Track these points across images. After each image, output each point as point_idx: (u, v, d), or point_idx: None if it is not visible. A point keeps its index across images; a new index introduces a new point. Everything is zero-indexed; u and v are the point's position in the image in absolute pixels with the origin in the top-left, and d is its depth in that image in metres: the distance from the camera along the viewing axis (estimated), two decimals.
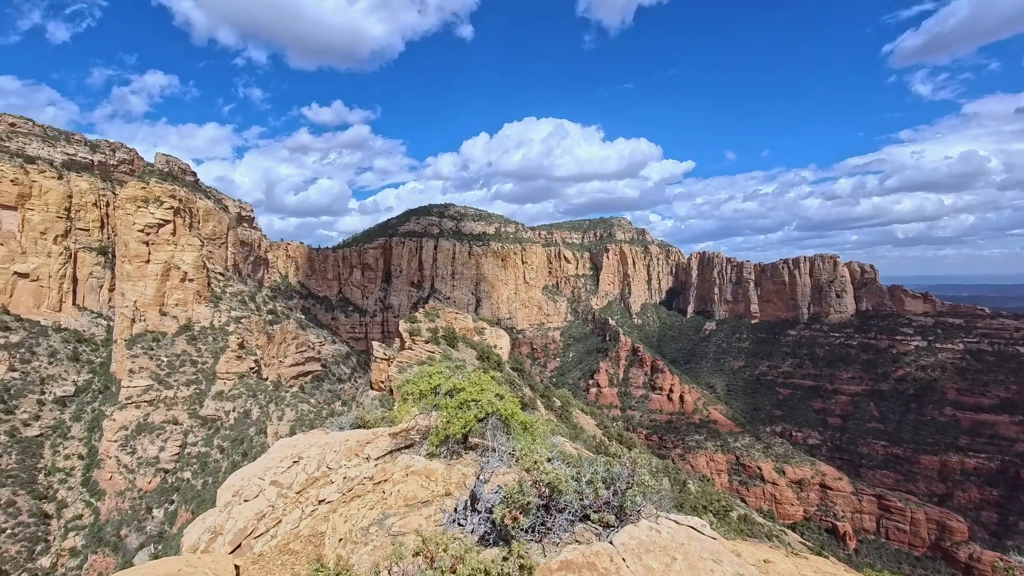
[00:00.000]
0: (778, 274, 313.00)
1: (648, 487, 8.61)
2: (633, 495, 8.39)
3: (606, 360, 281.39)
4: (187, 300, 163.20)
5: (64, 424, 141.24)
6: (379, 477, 13.05)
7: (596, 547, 7.00)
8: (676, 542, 7.09)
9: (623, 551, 6.91)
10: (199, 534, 16.97)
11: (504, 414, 13.36)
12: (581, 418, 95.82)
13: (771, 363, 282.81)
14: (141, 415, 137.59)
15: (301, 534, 12.59)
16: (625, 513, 8.51)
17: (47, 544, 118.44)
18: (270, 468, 18.43)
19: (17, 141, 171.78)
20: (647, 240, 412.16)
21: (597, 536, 8.14)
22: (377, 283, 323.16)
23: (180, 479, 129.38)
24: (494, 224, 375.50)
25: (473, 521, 8.80)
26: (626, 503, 8.29)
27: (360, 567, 8.93)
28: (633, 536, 7.23)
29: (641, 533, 7.30)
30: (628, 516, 8.27)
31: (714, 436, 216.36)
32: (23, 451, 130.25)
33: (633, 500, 8.33)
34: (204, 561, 10.98)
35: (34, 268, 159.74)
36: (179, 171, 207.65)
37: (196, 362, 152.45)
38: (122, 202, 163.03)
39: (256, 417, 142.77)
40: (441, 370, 15.96)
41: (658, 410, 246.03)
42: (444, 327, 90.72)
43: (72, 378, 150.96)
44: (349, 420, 25.63)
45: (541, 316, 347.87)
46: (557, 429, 54.21)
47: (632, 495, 8.37)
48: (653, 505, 8.75)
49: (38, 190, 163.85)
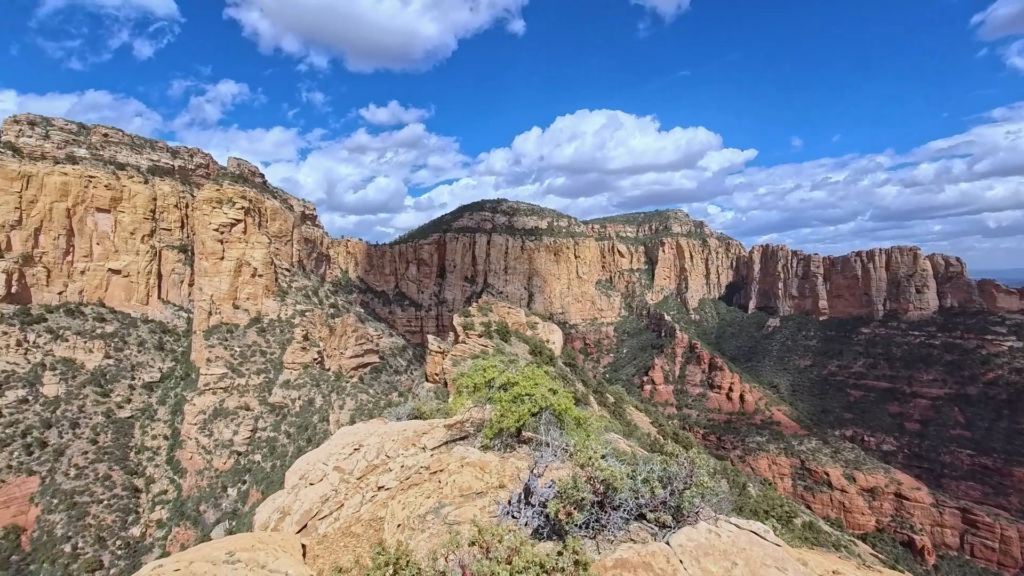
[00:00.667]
0: (850, 267, 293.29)
1: (707, 488, 8.34)
2: (691, 496, 8.16)
3: (661, 356, 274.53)
4: (257, 294, 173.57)
5: (151, 407, 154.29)
6: (435, 467, 13.40)
7: (652, 547, 6.88)
8: (737, 547, 6.84)
9: (680, 553, 6.75)
10: (269, 513, 18.10)
11: (558, 409, 13.34)
12: (635, 415, 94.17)
13: (841, 362, 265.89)
14: (217, 401, 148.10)
15: (362, 518, 13.15)
16: (682, 514, 8.30)
17: (137, 515, 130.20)
18: (333, 454, 19.35)
19: (109, 150, 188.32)
20: (705, 233, 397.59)
21: (653, 536, 8.00)
22: (432, 278, 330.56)
23: (251, 461, 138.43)
24: (546, 218, 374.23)
25: (527, 514, 8.87)
26: (684, 504, 8.08)
27: (418, 552, 9.23)
28: (691, 538, 7.05)
29: (700, 535, 7.10)
30: (686, 517, 8.06)
31: (777, 438, 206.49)
32: (117, 430, 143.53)
33: (691, 501, 8.11)
34: (275, 539, 11.71)
35: (125, 265, 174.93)
36: (249, 173, 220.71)
37: (265, 352, 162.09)
38: (199, 203, 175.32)
39: (319, 405, 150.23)
40: (495, 364, 16.14)
41: (716, 409, 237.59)
42: (497, 321, 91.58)
43: (158, 365, 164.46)
44: (406, 411, 26.46)
45: (594, 311, 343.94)
46: (611, 426, 53.59)
47: (690, 496, 8.14)
48: (712, 507, 8.49)
49: (128, 194, 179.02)
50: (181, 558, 10.12)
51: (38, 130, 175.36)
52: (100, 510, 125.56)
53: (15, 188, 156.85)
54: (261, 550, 10.55)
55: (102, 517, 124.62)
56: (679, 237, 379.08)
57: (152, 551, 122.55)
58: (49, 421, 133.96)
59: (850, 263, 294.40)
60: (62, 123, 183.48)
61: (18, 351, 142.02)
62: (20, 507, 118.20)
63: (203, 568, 9.21)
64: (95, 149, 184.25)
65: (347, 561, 9.85)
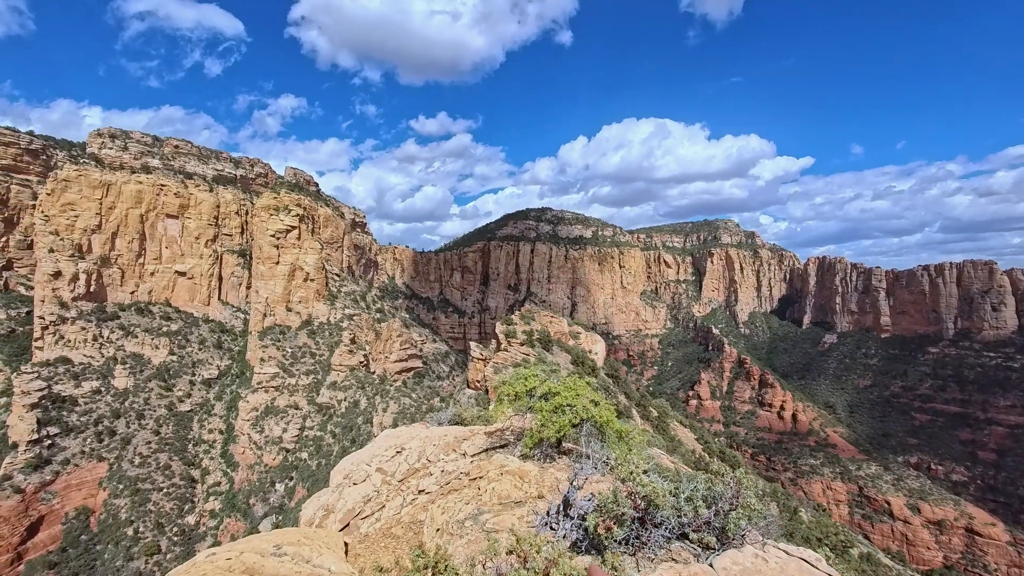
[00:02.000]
0: (916, 282, 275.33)
1: (754, 511, 7.98)
2: (737, 517, 7.84)
3: (708, 371, 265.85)
4: (308, 298, 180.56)
5: (209, 402, 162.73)
6: (475, 473, 13.49)
7: (694, 568, 6.65)
8: (787, 574, 6.51)
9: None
10: (314, 510, 18.71)
11: (599, 421, 13.17)
12: (679, 431, 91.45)
13: (905, 383, 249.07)
14: (269, 399, 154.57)
15: (402, 520, 13.38)
16: (727, 536, 7.99)
17: (192, 504, 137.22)
18: (376, 456, 19.80)
19: (179, 160, 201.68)
20: (757, 243, 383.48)
21: (695, 557, 7.74)
22: (475, 285, 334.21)
23: (298, 458, 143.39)
24: (591, 227, 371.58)
25: (565, 526, 8.79)
26: (729, 525, 7.76)
27: (456, 558, 9.30)
28: (736, 562, 6.76)
29: (745, 559, 6.80)
30: (730, 540, 7.74)
31: (832, 461, 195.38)
32: (178, 423, 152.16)
33: (737, 523, 7.78)
34: (319, 535, 12.09)
35: (190, 268, 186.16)
36: (304, 182, 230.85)
37: (315, 354, 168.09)
38: (258, 210, 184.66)
39: (364, 407, 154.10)
40: (536, 373, 16.12)
41: (766, 428, 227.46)
42: (539, 330, 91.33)
43: (216, 363, 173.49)
44: (447, 416, 26.77)
45: (639, 322, 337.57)
46: (653, 440, 52.25)
47: (736, 517, 7.82)
48: (759, 531, 8.11)
49: (194, 201, 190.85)
50: (232, 548, 10.60)
51: (118, 142, 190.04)
52: (160, 497, 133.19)
53: (96, 195, 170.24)
54: (306, 545, 10.92)
55: (161, 504, 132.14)
56: (729, 248, 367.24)
57: (205, 539, 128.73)
58: (118, 411, 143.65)
59: (916, 277, 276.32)
60: (139, 135, 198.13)
61: (94, 345, 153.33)
62: (90, 490, 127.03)
63: (252, 559, 9.62)
64: (167, 159, 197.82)
65: (387, 561, 10.04)
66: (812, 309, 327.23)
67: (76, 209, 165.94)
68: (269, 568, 9.44)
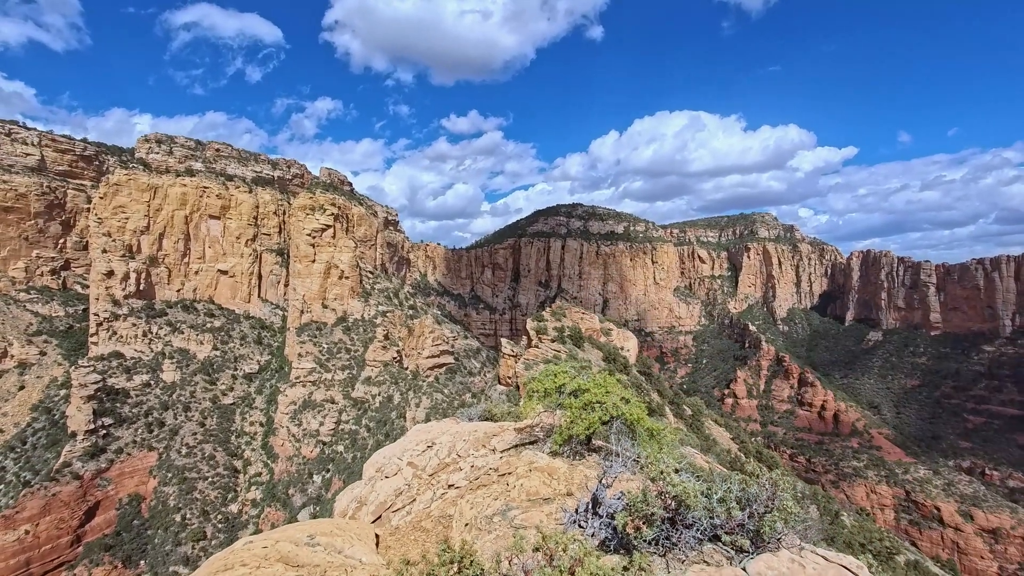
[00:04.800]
0: (970, 276, 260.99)
1: (791, 514, 7.68)
2: (773, 520, 7.56)
3: (745, 369, 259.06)
4: (343, 295, 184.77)
5: (250, 396, 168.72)
6: (504, 469, 13.51)
7: (727, 572, 6.44)
8: None
9: None
10: (348, 502, 19.14)
11: (629, 419, 12.97)
12: (714, 430, 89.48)
13: (957, 383, 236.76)
14: (306, 393, 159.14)
15: (432, 514, 13.53)
16: (762, 539, 7.73)
17: (235, 493, 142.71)
18: (407, 450, 20.09)
19: (220, 163, 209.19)
20: (796, 238, 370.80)
21: (728, 560, 7.51)
22: (506, 282, 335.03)
23: (335, 451, 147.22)
24: (623, 223, 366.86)
25: (594, 524, 8.68)
26: (764, 528, 7.49)
27: (483, 553, 9.34)
28: (771, 566, 6.52)
29: (781, 565, 6.55)
30: (765, 543, 7.48)
31: (877, 464, 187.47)
32: (221, 415, 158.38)
33: (772, 526, 7.51)
34: (351, 527, 12.35)
35: (231, 266, 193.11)
36: (338, 182, 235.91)
37: (350, 350, 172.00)
38: (294, 210, 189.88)
39: (397, 402, 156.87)
40: (566, 369, 16.01)
41: (806, 428, 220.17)
42: (570, 327, 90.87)
43: (256, 358, 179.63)
44: (478, 412, 26.95)
45: (672, 319, 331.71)
46: (687, 439, 51.28)
47: (771, 520, 7.55)
48: (797, 535, 7.80)
49: (235, 202, 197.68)
50: (269, 536, 10.95)
51: (163, 147, 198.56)
52: (205, 486, 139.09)
53: (144, 198, 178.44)
54: (339, 536, 11.17)
55: (207, 493, 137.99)
56: (766, 242, 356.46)
57: (247, 527, 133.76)
58: (166, 404, 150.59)
59: (970, 272, 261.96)
60: (183, 140, 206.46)
61: (144, 341, 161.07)
62: (141, 478, 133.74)
63: (287, 548, 9.91)
64: (208, 163, 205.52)
65: (415, 554, 10.17)
66: (855, 305, 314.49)
67: (126, 211, 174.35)
68: (303, 557, 9.70)
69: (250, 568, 8.83)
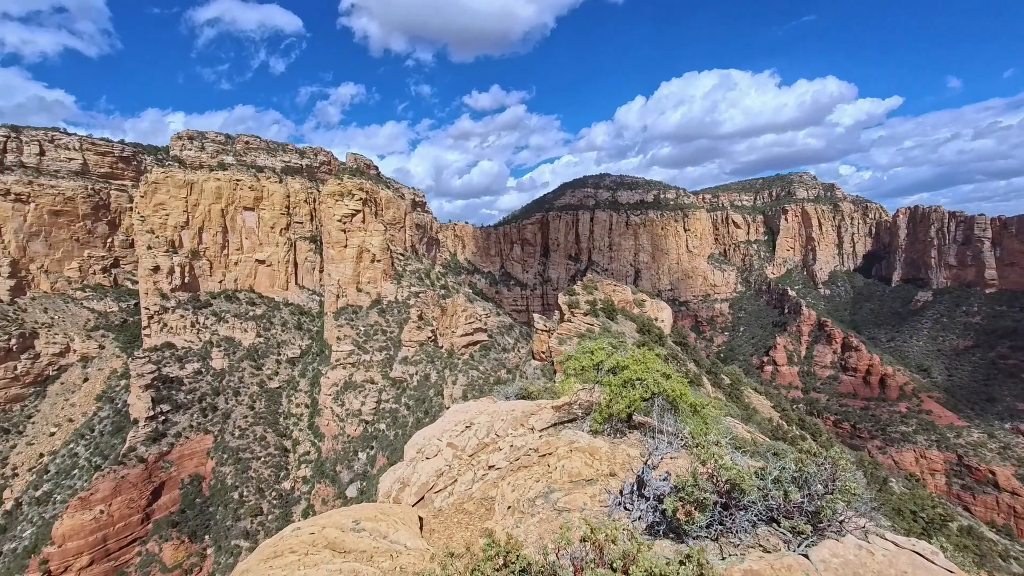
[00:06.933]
0: None
1: (854, 495, 7.20)
2: (833, 502, 7.11)
3: (784, 335, 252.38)
4: (376, 278, 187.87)
5: (294, 379, 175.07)
6: (544, 450, 13.36)
7: (788, 560, 6.07)
8: (896, 570, 5.78)
9: (824, 570, 5.87)
10: (391, 483, 19.51)
11: (672, 395, 12.56)
12: (754, 398, 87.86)
13: (1015, 343, 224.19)
14: (347, 375, 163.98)
15: (474, 496, 13.56)
16: (821, 522, 7.30)
17: (287, 472, 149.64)
18: (446, 431, 20.25)
19: (251, 156, 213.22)
20: (837, 197, 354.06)
21: (786, 543, 7.12)
22: (536, 257, 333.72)
23: (377, 429, 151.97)
24: (652, 191, 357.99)
25: (640, 507, 8.42)
26: (824, 511, 7.06)
27: (527, 537, 9.23)
28: (836, 553, 6.10)
29: (847, 552, 6.12)
30: (826, 526, 7.05)
31: (927, 429, 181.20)
32: (269, 399, 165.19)
33: (833, 508, 7.06)
34: (395, 511, 12.48)
35: (268, 256, 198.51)
36: (364, 166, 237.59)
37: (385, 331, 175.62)
38: (324, 197, 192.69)
39: (434, 380, 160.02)
40: (603, 346, 15.63)
41: (850, 394, 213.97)
42: (603, 299, 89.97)
43: (298, 343, 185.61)
44: (514, 390, 26.95)
45: (706, 287, 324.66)
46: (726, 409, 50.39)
47: (832, 502, 7.10)
48: (864, 517, 7.32)
49: (267, 193, 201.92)
50: (316, 522, 11.16)
51: (195, 143, 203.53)
52: (259, 465, 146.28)
53: (182, 194, 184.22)
54: (383, 521, 11.29)
55: (260, 471, 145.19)
56: (805, 203, 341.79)
57: (299, 502, 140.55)
58: (217, 389, 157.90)
59: None
60: (213, 135, 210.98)
61: (192, 331, 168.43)
62: (200, 460, 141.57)
63: (333, 534, 10.05)
64: (239, 155, 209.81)
65: (459, 541, 10.17)
66: (902, 265, 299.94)
67: (166, 208, 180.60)
68: (349, 543, 9.82)
69: (299, 555, 8.98)
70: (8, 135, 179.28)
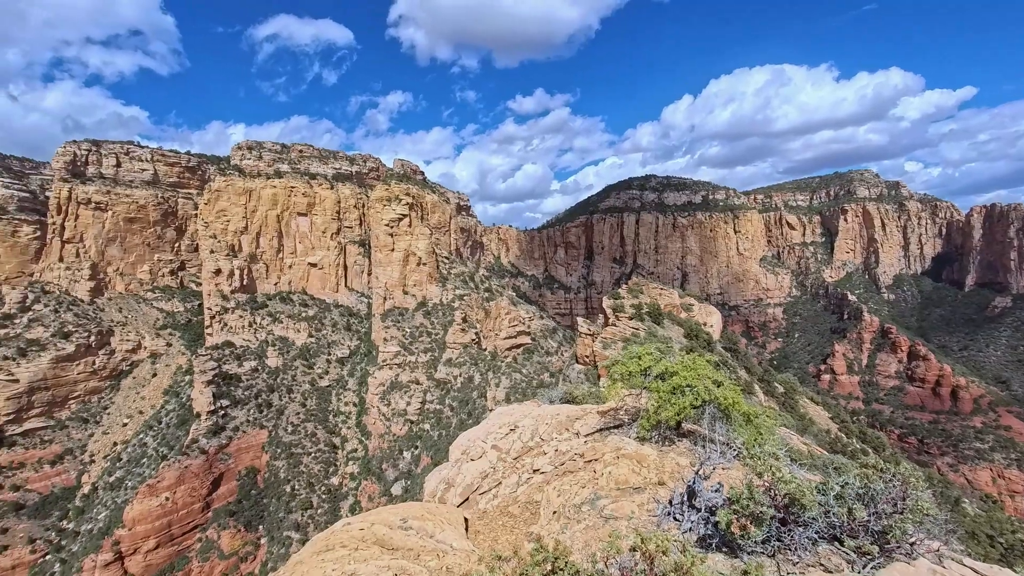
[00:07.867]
0: None
1: (927, 515, 6.69)
2: (903, 521, 6.64)
3: (843, 342, 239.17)
4: (422, 281, 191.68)
5: (343, 379, 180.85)
6: (589, 455, 13.20)
7: None
8: None
9: None
10: (436, 483, 19.77)
11: (724, 403, 12.13)
12: (810, 408, 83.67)
13: None
14: (393, 375, 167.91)
15: (519, 499, 13.54)
16: (888, 543, 6.83)
17: (335, 467, 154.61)
18: (491, 433, 20.35)
19: (304, 163, 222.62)
20: (902, 195, 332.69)
21: (849, 564, 6.72)
22: (580, 260, 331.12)
23: (422, 429, 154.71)
24: (700, 192, 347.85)
25: (691, 519, 8.16)
26: (893, 531, 6.60)
27: (573, 543, 9.13)
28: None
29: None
30: (895, 548, 6.59)
31: (1005, 446, 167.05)
32: (319, 397, 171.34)
33: (903, 528, 6.59)
34: (441, 511, 12.64)
35: (320, 259, 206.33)
36: (411, 172, 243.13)
37: (430, 333, 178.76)
38: (372, 202, 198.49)
39: (477, 382, 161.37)
40: (651, 351, 15.30)
41: (917, 406, 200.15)
42: (648, 303, 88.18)
43: (347, 343, 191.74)
44: (559, 394, 26.80)
45: (758, 291, 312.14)
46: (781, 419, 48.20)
47: (902, 521, 6.63)
48: (937, 540, 6.79)
49: (319, 199, 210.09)
50: (365, 519, 11.46)
51: (254, 153, 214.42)
52: (309, 461, 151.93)
53: (241, 201, 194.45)
54: (430, 520, 11.45)
55: (311, 466, 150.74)
56: (866, 202, 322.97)
57: (347, 498, 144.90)
58: (272, 386, 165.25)
59: None
60: (270, 145, 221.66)
61: (250, 330, 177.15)
62: (256, 453, 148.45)
63: (382, 531, 10.28)
64: (293, 163, 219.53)
65: (505, 544, 10.18)
66: (977, 268, 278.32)
67: (227, 215, 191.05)
68: (397, 540, 10.02)
69: (349, 550, 9.24)
70: (90, 149, 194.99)
